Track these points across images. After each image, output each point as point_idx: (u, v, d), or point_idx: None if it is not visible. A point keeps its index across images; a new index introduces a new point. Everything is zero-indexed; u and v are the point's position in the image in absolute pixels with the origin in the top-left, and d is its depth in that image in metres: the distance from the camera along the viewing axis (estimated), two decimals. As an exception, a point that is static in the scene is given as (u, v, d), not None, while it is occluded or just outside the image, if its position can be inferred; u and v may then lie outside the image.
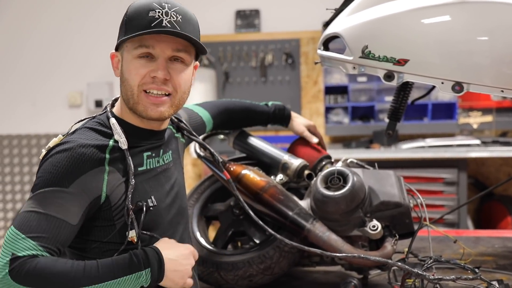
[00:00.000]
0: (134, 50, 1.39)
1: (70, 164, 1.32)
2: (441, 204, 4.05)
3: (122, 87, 1.44)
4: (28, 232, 1.25)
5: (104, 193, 1.36)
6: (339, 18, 1.81)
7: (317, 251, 1.64)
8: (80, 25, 4.89)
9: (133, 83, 1.40)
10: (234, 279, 1.83)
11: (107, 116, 1.46)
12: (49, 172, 1.31)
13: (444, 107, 4.40)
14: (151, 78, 1.40)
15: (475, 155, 4.03)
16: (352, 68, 1.75)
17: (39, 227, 1.26)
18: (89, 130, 1.42)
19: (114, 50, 1.47)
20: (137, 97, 1.41)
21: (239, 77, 4.74)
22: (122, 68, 1.43)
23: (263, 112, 2.02)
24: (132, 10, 1.40)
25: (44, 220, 1.27)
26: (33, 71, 4.94)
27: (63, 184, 1.30)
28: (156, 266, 1.34)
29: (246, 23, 4.75)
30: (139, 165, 1.45)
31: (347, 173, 1.77)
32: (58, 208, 1.29)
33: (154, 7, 1.38)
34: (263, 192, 1.80)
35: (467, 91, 1.66)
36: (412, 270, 1.57)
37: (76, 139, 1.36)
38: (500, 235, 2.52)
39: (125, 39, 1.38)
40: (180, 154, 1.65)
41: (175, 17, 1.39)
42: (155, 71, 1.40)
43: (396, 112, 2.03)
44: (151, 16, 1.37)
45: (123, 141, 1.40)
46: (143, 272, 1.32)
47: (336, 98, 4.54)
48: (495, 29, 1.63)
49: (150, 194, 1.45)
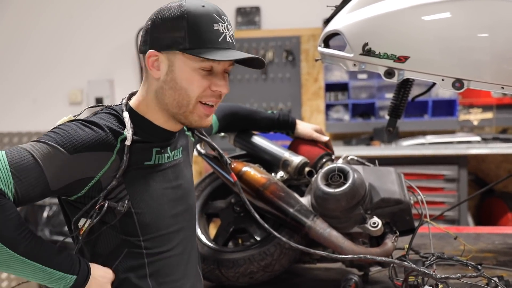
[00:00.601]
0: (199, 62, 1.38)
1: (85, 136, 1.33)
2: (441, 201, 4.05)
3: (170, 92, 1.41)
4: (14, 167, 1.25)
5: (98, 177, 1.36)
6: (339, 15, 1.81)
7: (322, 253, 1.63)
8: (81, 22, 4.88)
9: (193, 94, 1.40)
10: (235, 276, 1.83)
11: (121, 108, 1.46)
12: (64, 132, 1.33)
13: (444, 104, 4.40)
14: (211, 91, 1.42)
15: (475, 151, 4.03)
16: (352, 65, 1.75)
17: (24, 170, 1.26)
18: (109, 116, 1.43)
19: (153, 48, 1.41)
20: (193, 107, 1.42)
21: (239, 74, 4.73)
22: (174, 75, 1.40)
23: (268, 118, 2.04)
24: (194, 18, 1.36)
25: (32, 167, 1.27)
26: (33, 68, 4.94)
27: (68, 149, 1.31)
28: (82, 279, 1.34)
29: (247, 20, 4.75)
30: (146, 160, 1.45)
31: (348, 170, 1.77)
32: (50, 167, 1.29)
33: (217, 20, 1.38)
34: (264, 189, 1.80)
35: (467, 88, 1.66)
36: (418, 269, 1.56)
37: (98, 120, 1.38)
38: (500, 232, 2.53)
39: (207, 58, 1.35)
40: (190, 152, 1.65)
41: (231, 30, 1.42)
42: (219, 86, 1.42)
43: (397, 109, 2.03)
44: (216, 30, 1.37)
45: (129, 137, 1.39)
46: (67, 275, 1.31)
47: (337, 95, 4.54)
48: (495, 26, 1.63)
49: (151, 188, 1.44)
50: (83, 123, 1.37)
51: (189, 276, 1.54)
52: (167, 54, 1.39)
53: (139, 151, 1.43)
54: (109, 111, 1.45)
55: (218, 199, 2.04)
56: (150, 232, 1.44)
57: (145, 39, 1.43)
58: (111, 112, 1.44)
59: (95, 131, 1.35)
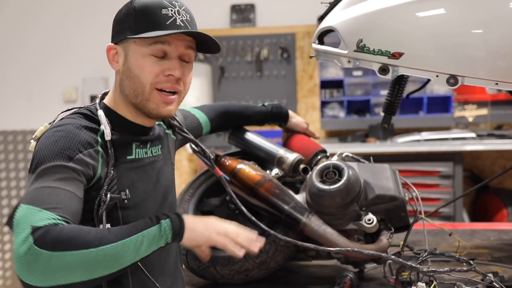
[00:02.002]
0: (149, 47, 1.39)
1: (68, 141, 1.31)
2: (436, 198, 4.06)
3: (127, 82, 1.42)
4: (42, 205, 1.22)
5: (98, 174, 1.35)
6: (333, 12, 1.81)
7: (310, 245, 1.64)
8: (75, 20, 4.87)
9: (146, 80, 1.40)
10: (230, 274, 1.83)
11: (96, 107, 1.45)
12: (48, 149, 1.30)
13: (439, 100, 4.41)
14: (165, 76, 1.41)
15: (470, 148, 4.03)
16: (347, 62, 1.75)
17: (51, 200, 1.24)
18: (79, 116, 1.41)
19: (112, 42, 1.45)
20: (149, 94, 1.41)
21: (234, 71, 4.73)
22: (129, 64, 1.41)
23: (260, 112, 2.04)
24: (141, 6, 1.39)
25: (55, 193, 1.25)
26: (28, 66, 4.93)
27: (63, 159, 1.29)
28: (176, 218, 1.31)
29: (242, 18, 4.75)
30: (128, 154, 1.45)
31: (343, 167, 1.77)
32: (65, 182, 1.27)
33: (165, 5, 1.39)
34: (259, 186, 1.80)
35: (462, 84, 1.66)
36: (406, 263, 1.57)
37: (69, 122, 1.36)
38: (495, 228, 2.53)
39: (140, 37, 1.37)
40: (171, 150, 1.65)
41: (185, 16, 1.42)
42: (171, 70, 1.40)
43: (391, 106, 2.03)
44: (164, 14, 1.38)
45: (107, 132, 1.39)
46: (163, 223, 1.29)
47: (332, 92, 4.54)
48: (489, 22, 1.63)
49: (137, 183, 1.45)
50: (60, 131, 1.33)
51: (168, 274, 1.53)
52: (122, 45, 1.42)
53: (121, 145, 1.43)
54: (80, 112, 1.43)
55: (212, 197, 2.04)
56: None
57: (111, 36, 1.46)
58: (81, 112, 1.43)
59: (74, 133, 1.33)
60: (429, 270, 1.56)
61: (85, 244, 1.19)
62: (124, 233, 1.25)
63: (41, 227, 1.19)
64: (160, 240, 1.29)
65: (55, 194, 1.25)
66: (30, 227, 1.19)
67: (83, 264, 1.19)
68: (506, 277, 1.72)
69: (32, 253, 1.16)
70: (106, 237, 1.22)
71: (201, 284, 1.92)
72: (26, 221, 1.20)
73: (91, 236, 1.21)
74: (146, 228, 1.27)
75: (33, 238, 1.17)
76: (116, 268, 1.23)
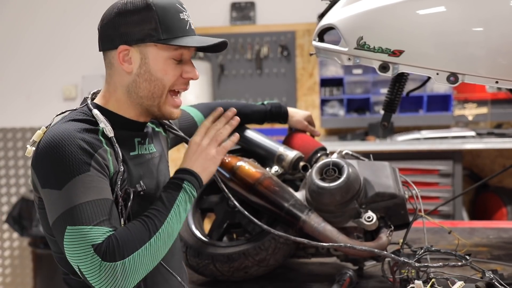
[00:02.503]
0: (172, 51, 1.41)
1: (78, 148, 1.30)
2: (436, 196, 4.06)
3: (144, 85, 1.42)
4: (89, 222, 1.26)
5: (112, 171, 1.37)
6: (334, 9, 1.81)
7: (304, 241, 1.64)
8: (75, 17, 4.86)
9: (168, 83, 1.43)
10: (230, 271, 1.83)
11: (89, 108, 1.45)
12: (63, 163, 1.29)
13: (439, 99, 4.41)
14: (183, 79, 1.45)
15: (470, 146, 4.03)
16: (347, 60, 1.75)
17: (95, 214, 1.27)
18: (75, 119, 1.40)
19: (123, 43, 1.40)
20: (166, 97, 1.44)
21: (234, 69, 4.73)
22: (148, 67, 1.41)
23: (259, 111, 2.04)
24: (161, 8, 1.39)
25: (93, 206, 1.28)
26: (27, 64, 4.92)
27: (84, 168, 1.29)
28: (187, 173, 1.45)
29: (241, 15, 4.74)
30: (131, 150, 1.46)
31: (342, 164, 1.77)
32: (96, 191, 1.30)
33: (180, 10, 1.42)
34: (259, 183, 1.80)
35: (462, 82, 1.66)
36: (399, 259, 1.58)
37: (67, 127, 1.35)
38: (494, 226, 2.54)
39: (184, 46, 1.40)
40: (164, 148, 1.66)
41: (190, 18, 1.45)
42: (190, 73, 1.45)
43: (391, 104, 2.03)
44: (182, 19, 1.42)
45: (108, 129, 1.39)
46: (184, 185, 1.42)
47: (332, 91, 4.54)
48: (490, 20, 1.63)
49: (143, 178, 1.46)
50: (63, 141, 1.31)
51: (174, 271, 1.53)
52: (138, 47, 1.40)
53: (123, 142, 1.43)
54: (75, 116, 1.42)
55: (212, 194, 2.04)
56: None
57: (109, 35, 1.42)
58: (77, 117, 1.41)
59: (80, 139, 1.32)
60: (422, 265, 1.56)
61: (143, 239, 1.30)
62: (163, 212, 1.36)
63: (101, 243, 1.25)
64: (190, 200, 1.43)
65: (95, 207, 1.28)
66: (91, 246, 1.24)
67: (150, 255, 1.30)
68: (505, 275, 1.72)
69: (108, 269, 1.24)
70: (153, 223, 1.33)
71: (200, 281, 1.92)
72: (84, 242, 1.25)
73: (143, 229, 1.31)
74: (176, 198, 1.39)
75: (99, 256, 1.24)
76: (171, 242, 1.38)
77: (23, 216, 4.33)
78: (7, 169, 4.96)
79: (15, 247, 4.94)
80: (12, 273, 4.94)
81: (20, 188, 4.93)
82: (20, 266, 4.93)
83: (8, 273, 4.94)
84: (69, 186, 1.28)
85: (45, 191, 1.31)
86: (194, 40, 1.42)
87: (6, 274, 4.94)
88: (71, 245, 1.26)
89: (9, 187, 4.96)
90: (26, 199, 4.39)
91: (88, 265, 1.24)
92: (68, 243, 1.26)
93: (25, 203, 4.37)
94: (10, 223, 4.36)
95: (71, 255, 1.26)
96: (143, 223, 1.32)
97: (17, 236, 4.82)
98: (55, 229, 1.30)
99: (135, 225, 1.31)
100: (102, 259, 1.23)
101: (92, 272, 1.24)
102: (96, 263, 1.23)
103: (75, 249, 1.25)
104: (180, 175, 1.45)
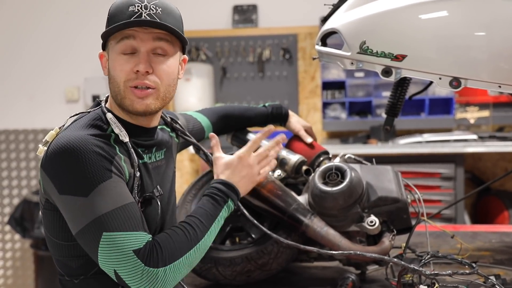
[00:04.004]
0: (117, 45, 1.41)
1: (98, 155, 1.32)
2: (438, 199, 4.06)
3: (110, 85, 1.45)
4: (125, 228, 1.29)
5: (127, 177, 1.39)
6: (337, 13, 1.81)
7: (313, 249, 1.64)
8: (77, 19, 4.87)
9: (119, 79, 1.42)
10: (232, 275, 1.83)
11: (103, 111, 1.46)
12: (86, 170, 1.30)
13: (441, 102, 4.40)
14: (135, 73, 1.41)
15: (472, 150, 4.03)
16: (350, 64, 1.75)
17: (128, 220, 1.30)
18: (88, 123, 1.42)
19: (102, 50, 1.48)
20: (124, 92, 1.42)
21: (236, 72, 4.73)
22: (109, 66, 1.44)
23: (261, 113, 2.05)
24: (113, 8, 1.44)
25: (125, 211, 1.31)
26: (30, 66, 4.93)
27: (107, 175, 1.31)
28: (232, 191, 1.50)
29: (244, 18, 4.74)
30: (140, 158, 1.47)
31: (345, 168, 1.77)
32: (123, 197, 1.32)
33: (133, 2, 1.41)
34: (261, 187, 1.80)
35: (464, 86, 1.66)
36: (408, 266, 1.57)
37: (82, 134, 1.35)
38: (497, 230, 2.53)
39: (107, 32, 1.41)
40: (173, 153, 1.67)
41: (155, 9, 1.41)
42: (136, 65, 1.40)
43: (394, 108, 2.03)
44: (131, 11, 1.40)
45: (123, 133, 1.41)
46: (228, 202, 1.49)
47: (334, 94, 4.54)
48: (492, 24, 1.63)
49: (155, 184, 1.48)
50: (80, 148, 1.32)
51: None
52: (107, 50, 1.46)
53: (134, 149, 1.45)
54: (88, 120, 1.43)
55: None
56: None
57: None
58: (90, 122, 1.42)
59: (96, 145, 1.34)
60: (431, 273, 1.56)
61: (185, 248, 1.35)
62: (205, 224, 1.41)
63: (142, 248, 1.28)
64: (229, 211, 1.50)
65: (127, 212, 1.31)
66: (132, 252, 1.27)
67: (189, 264, 1.37)
68: (508, 280, 1.72)
69: (150, 274, 1.27)
70: (195, 234, 1.38)
71: (203, 285, 1.92)
72: (123, 248, 1.27)
73: (185, 239, 1.36)
74: (218, 213, 1.46)
75: (141, 261, 1.27)
76: (206, 251, 1.43)
77: (25, 218, 4.33)
78: (9, 171, 4.96)
79: (16, 248, 4.94)
80: (14, 275, 4.94)
81: (22, 190, 4.93)
82: (21, 268, 4.93)
83: (10, 274, 4.95)
84: (95, 193, 1.29)
85: (65, 197, 1.31)
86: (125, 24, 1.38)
87: (8, 275, 4.94)
88: (108, 251, 1.27)
89: (11, 188, 4.96)
90: (28, 201, 4.39)
91: (130, 270, 1.26)
92: (105, 249, 1.27)
93: (27, 205, 4.37)
94: (12, 224, 4.36)
95: (107, 260, 1.28)
96: (186, 232, 1.36)
97: (19, 238, 4.83)
98: (83, 236, 1.31)
99: (177, 233, 1.35)
100: (144, 264, 1.26)
101: (133, 276, 1.27)
102: (138, 267, 1.26)
103: (114, 255, 1.27)
104: (226, 189, 1.50)
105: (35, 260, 4.54)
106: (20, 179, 4.95)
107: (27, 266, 4.89)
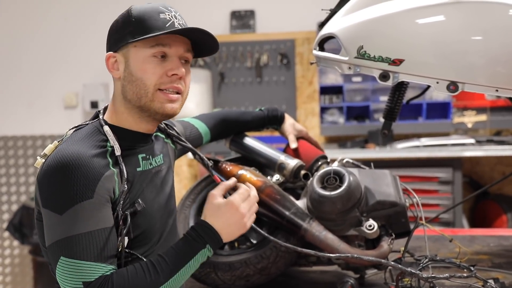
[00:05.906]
0: (150, 49, 1.41)
1: (84, 174, 1.31)
2: (436, 203, 4.06)
3: (129, 87, 1.43)
4: (84, 257, 1.27)
5: (117, 193, 1.38)
6: (334, 18, 1.82)
7: (310, 252, 1.64)
8: (76, 25, 4.88)
9: (150, 82, 1.42)
10: (231, 280, 1.83)
11: (100, 123, 1.46)
12: (68, 188, 1.29)
13: (438, 106, 4.41)
14: (168, 77, 1.43)
15: (469, 154, 4.04)
16: (347, 68, 1.76)
17: (90, 247, 1.27)
18: (85, 137, 1.41)
19: (110, 51, 1.47)
20: (152, 95, 1.42)
21: (234, 77, 4.74)
22: (130, 68, 1.43)
23: (258, 116, 2.06)
24: (140, 12, 1.42)
25: (90, 238, 1.28)
26: (28, 72, 4.93)
27: (87, 195, 1.30)
28: (212, 237, 1.41)
29: (241, 24, 4.76)
30: (137, 166, 1.47)
31: (343, 173, 1.78)
32: (96, 220, 1.30)
33: (162, 10, 1.42)
34: (260, 192, 1.80)
35: (462, 90, 1.66)
36: (406, 270, 1.58)
37: (77, 150, 1.35)
38: (495, 234, 2.54)
39: (143, 38, 1.39)
40: (171, 159, 1.68)
41: (181, 20, 1.45)
42: (174, 70, 1.42)
43: (392, 112, 2.04)
44: (162, 18, 1.41)
45: (116, 147, 1.41)
46: (205, 249, 1.40)
47: (331, 98, 4.55)
48: (489, 29, 1.64)
49: (144, 192, 1.47)
50: (71, 163, 1.31)
51: None
52: (121, 52, 1.44)
53: (128, 159, 1.44)
54: (87, 133, 1.43)
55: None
56: (141, 239, 1.45)
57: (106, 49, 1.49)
58: (88, 134, 1.42)
59: (87, 162, 1.32)
60: (429, 276, 1.56)
61: None
62: (172, 268, 1.34)
63: (93, 282, 1.25)
64: (205, 257, 1.41)
65: (92, 240, 1.28)
66: (82, 283, 1.25)
67: None
68: (506, 283, 1.72)
69: None
70: (157, 277, 1.31)
71: (202, 290, 1.92)
72: (76, 277, 1.26)
73: (144, 281, 1.29)
74: (191, 257, 1.38)
75: None
76: None
77: (23, 224, 4.33)
78: (8, 177, 4.96)
79: (15, 255, 4.93)
80: (13, 281, 4.93)
81: (21, 196, 4.93)
82: (20, 274, 4.92)
83: (9, 281, 4.93)
84: (69, 212, 1.28)
85: (45, 211, 1.32)
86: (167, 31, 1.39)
87: (7, 282, 4.93)
88: (62, 275, 1.27)
89: (10, 195, 4.96)
90: (27, 207, 4.39)
91: None
92: (60, 272, 1.27)
93: (26, 211, 4.37)
94: (10, 231, 4.35)
95: (61, 282, 1.28)
96: (147, 274, 1.31)
97: (18, 244, 4.82)
98: (50, 252, 1.31)
99: (136, 273, 1.31)
100: None
101: None
102: None
103: (66, 280, 1.27)
104: (205, 234, 1.42)
105: (34, 266, 4.53)
106: (19, 185, 4.95)
107: (26, 272, 4.88)
